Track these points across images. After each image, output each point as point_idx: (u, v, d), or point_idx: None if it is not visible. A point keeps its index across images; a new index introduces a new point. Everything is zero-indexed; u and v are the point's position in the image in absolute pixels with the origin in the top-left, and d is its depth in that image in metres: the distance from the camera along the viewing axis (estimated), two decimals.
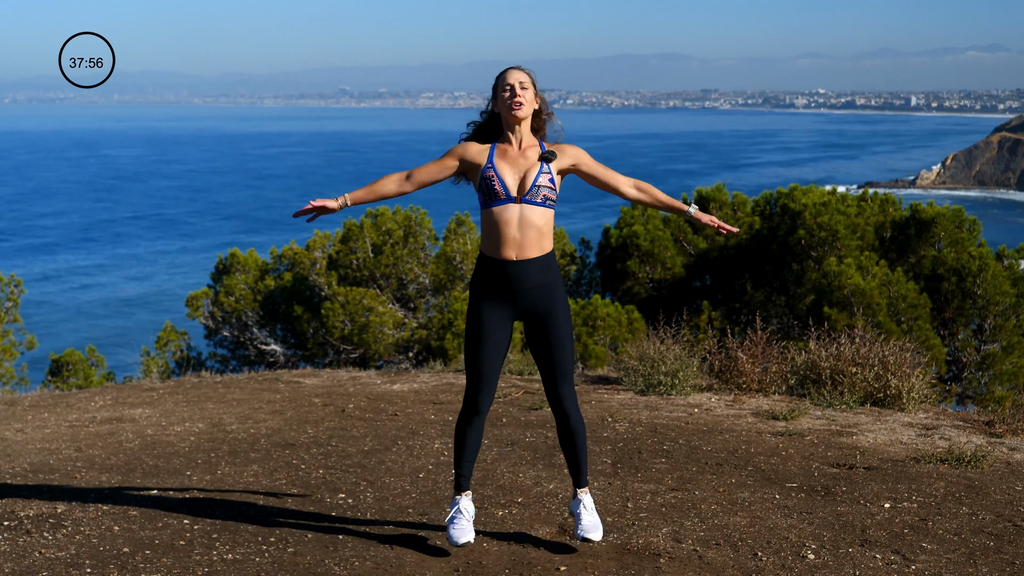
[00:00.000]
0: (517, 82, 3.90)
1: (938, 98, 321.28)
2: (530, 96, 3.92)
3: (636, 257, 12.66)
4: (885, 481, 5.03)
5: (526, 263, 3.86)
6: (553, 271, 3.92)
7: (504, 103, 3.90)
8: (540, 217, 3.87)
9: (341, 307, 12.73)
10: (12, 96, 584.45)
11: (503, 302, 3.91)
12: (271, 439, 6.11)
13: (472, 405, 3.98)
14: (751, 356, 7.52)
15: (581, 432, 4.04)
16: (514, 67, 3.96)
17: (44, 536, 4.30)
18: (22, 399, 8.23)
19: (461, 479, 4.09)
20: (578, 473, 4.09)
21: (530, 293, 3.89)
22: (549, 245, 3.92)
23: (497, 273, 3.88)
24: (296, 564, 3.95)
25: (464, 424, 4.03)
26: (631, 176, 4.14)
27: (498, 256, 3.87)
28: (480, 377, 3.93)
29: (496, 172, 3.87)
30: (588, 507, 4.08)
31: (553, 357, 3.94)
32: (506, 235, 3.85)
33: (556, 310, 3.92)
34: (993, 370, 11.16)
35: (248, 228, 73.69)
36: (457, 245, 13.18)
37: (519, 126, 3.94)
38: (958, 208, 12.17)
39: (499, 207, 3.86)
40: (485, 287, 3.92)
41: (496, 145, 3.96)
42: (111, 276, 56.44)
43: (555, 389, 3.98)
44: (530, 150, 3.94)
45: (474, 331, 3.93)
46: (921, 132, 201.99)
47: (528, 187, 3.85)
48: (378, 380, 8.43)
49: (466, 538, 4.00)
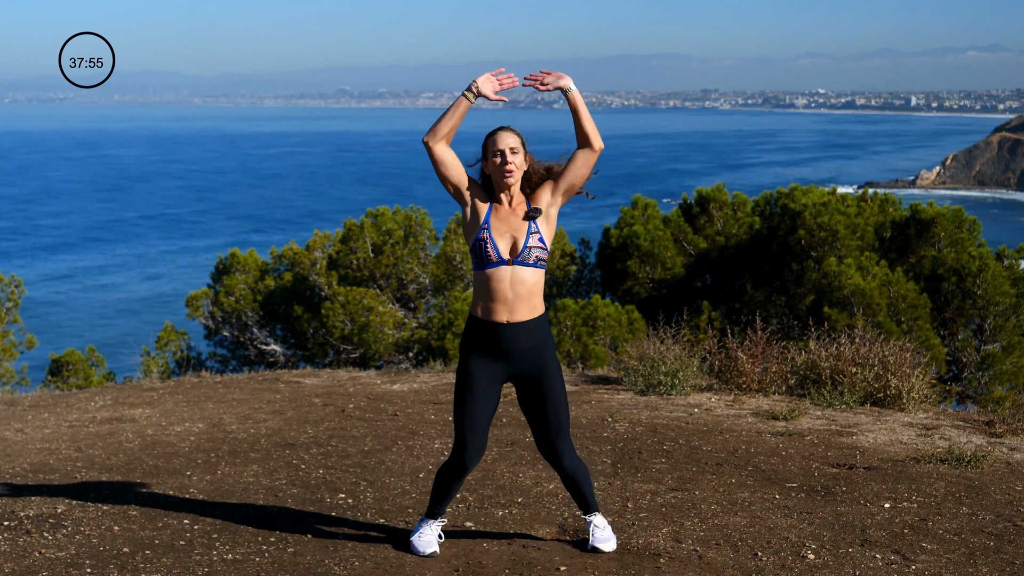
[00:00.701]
0: (508, 148, 3.86)
1: (938, 98, 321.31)
2: (520, 160, 3.89)
3: (636, 257, 12.66)
4: (885, 481, 5.03)
5: (517, 326, 3.86)
6: (544, 332, 3.92)
7: (496, 169, 3.88)
8: (531, 276, 3.87)
9: (341, 307, 12.73)
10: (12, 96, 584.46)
11: (494, 363, 3.91)
12: (271, 439, 6.11)
13: (459, 462, 3.99)
14: (751, 356, 7.52)
15: (583, 476, 4.06)
16: (504, 128, 3.92)
17: (44, 536, 4.30)
18: (22, 399, 8.23)
19: (436, 511, 4.13)
20: (585, 504, 4.12)
21: (521, 355, 3.89)
22: (540, 307, 3.91)
23: (488, 335, 3.88)
24: (296, 564, 3.95)
25: (449, 475, 4.05)
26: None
27: (489, 319, 3.87)
28: (470, 435, 3.94)
29: (490, 235, 3.86)
30: (600, 525, 4.11)
31: (548, 417, 3.95)
32: (498, 296, 3.85)
33: (548, 370, 3.93)
34: (993, 370, 11.15)
35: (255, 228, 73.74)
36: (457, 245, 13.18)
37: (508, 188, 3.93)
38: (958, 208, 12.16)
39: (492, 269, 3.86)
40: (476, 348, 3.92)
41: (492, 205, 3.93)
42: (120, 276, 56.45)
43: (552, 447, 3.99)
44: (519, 207, 3.93)
45: (464, 390, 3.93)
46: (921, 132, 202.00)
47: (520, 249, 3.86)
48: (378, 380, 8.43)
49: (431, 549, 4.05)
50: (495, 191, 3.95)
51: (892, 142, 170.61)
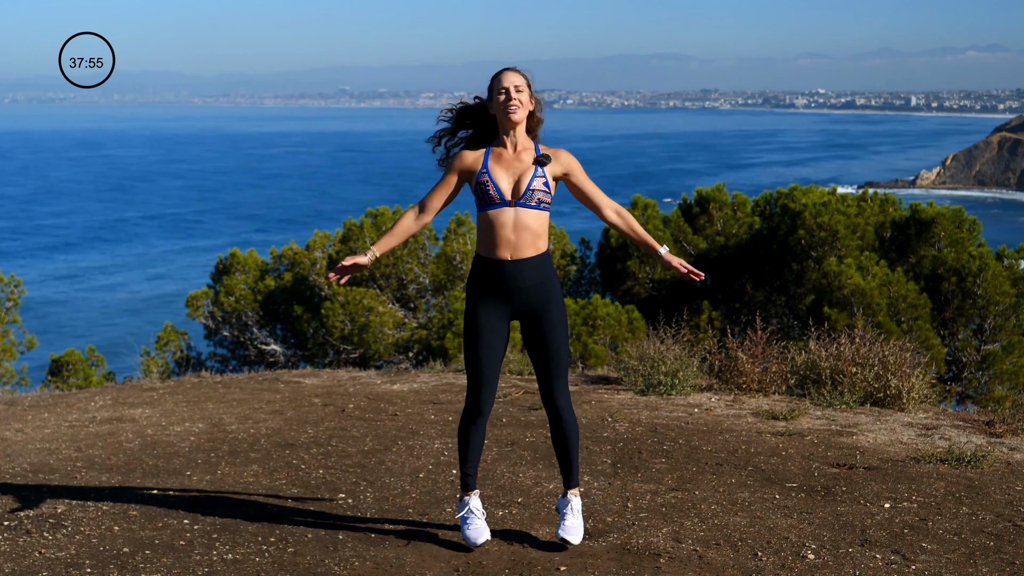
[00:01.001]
0: (512, 85, 3.89)
1: (938, 98, 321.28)
2: (526, 99, 3.92)
3: (636, 257, 12.66)
4: (885, 481, 5.03)
5: (521, 263, 3.88)
6: (548, 270, 3.95)
7: (500, 107, 3.90)
8: (535, 219, 3.89)
9: (341, 307, 12.74)
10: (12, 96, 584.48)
11: (499, 301, 3.93)
12: (271, 439, 6.11)
13: (474, 405, 4.00)
14: (751, 356, 7.52)
15: (574, 431, 4.05)
16: (509, 69, 3.95)
17: (44, 536, 4.30)
18: (22, 399, 8.23)
19: (467, 478, 4.11)
20: (569, 473, 4.10)
21: (525, 292, 3.91)
22: (544, 245, 3.94)
23: (492, 273, 3.90)
24: (296, 564, 3.95)
25: (467, 424, 4.05)
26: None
27: (493, 256, 3.89)
28: (481, 376, 3.96)
29: (491, 177, 3.88)
30: (575, 510, 4.09)
31: (548, 355, 3.96)
32: (501, 237, 3.87)
33: (551, 308, 3.95)
34: (993, 370, 11.15)
35: (258, 228, 73.77)
36: (457, 245, 13.19)
37: (514, 129, 3.94)
38: (958, 208, 12.16)
39: (494, 210, 3.88)
40: (481, 287, 3.94)
41: (491, 148, 3.96)
42: (124, 276, 56.47)
43: (549, 386, 4.00)
44: (525, 153, 3.94)
45: (472, 331, 3.97)
46: (921, 132, 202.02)
47: (523, 190, 3.87)
48: (378, 380, 8.43)
49: (484, 537, 4.04)
50: (499, 132, 3.96)
51: (892, 142, 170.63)
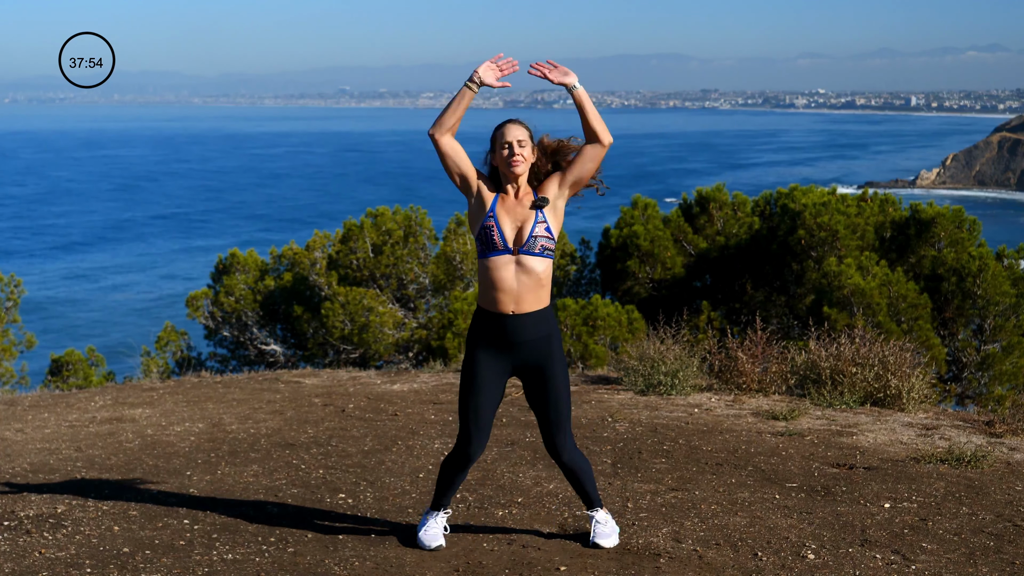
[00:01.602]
0: (516, 140, 3.88)
1: (938, 98, 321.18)
2: (528, 153, 3.91)
3: (636, 257, 12.65)
4: (885, 481, 5.03)
5: (523, 317, 3.87)
6: (551, 325, 3.94)
7: (503, 161, 3.90)
8: (538, 266, 3.88)
9: (341, 307, 12.73)
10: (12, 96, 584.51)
11: (500, 355, 3.93)
12: (271, 439, 6.11)
13: (463, 453, 4.02)
14: (751, 356, 7.52)
15: (583, 469, 4.08)
16: (512, 121, 3.94)
17: (44, 536, 4.30)
18: (22, 399, 8.23)
19: (441, 501, 4.17)
20: (589, 501, 4.15)
21: (527, 347, 3.91)
22: (547, 298, 3.93)
23: (494, 326, 3.90)
24: (296, 564, 3.95)
25: (453, 466, 4.08)
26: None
27: (495, 309, 3.88)
28: (474, 427, 3.97)
29: (496, 222, 3.88)
30: (602, 520, 4.14)
31: (549, 410, 3.97)
32: (503, 286, 3.86)
33: (553, 362, 3.94)
34: (993, 370, 11.15)
35: (265, 227, 73.73)
36: (457, 245, 13.18)
37: (516, 179, 3.94)
38: (958, 208, 12.16)
39: (496, 257, 3.87)
40: (482, 340, 3.94)
41: (499, 195, 3.95)
42: (134, 276, 56.45)
43: (552, 439, 4.01)
44: (526, 198, 3.94)
45: (469, 383, 3.96)
46: (921, 132, 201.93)
47: (525, 238, 3.87)
48: (378, 380, 8.43)
49: (437, 542, 4.09)
50: (502, 183, 3.96)
51: (892, 142, 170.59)
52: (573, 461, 4.04)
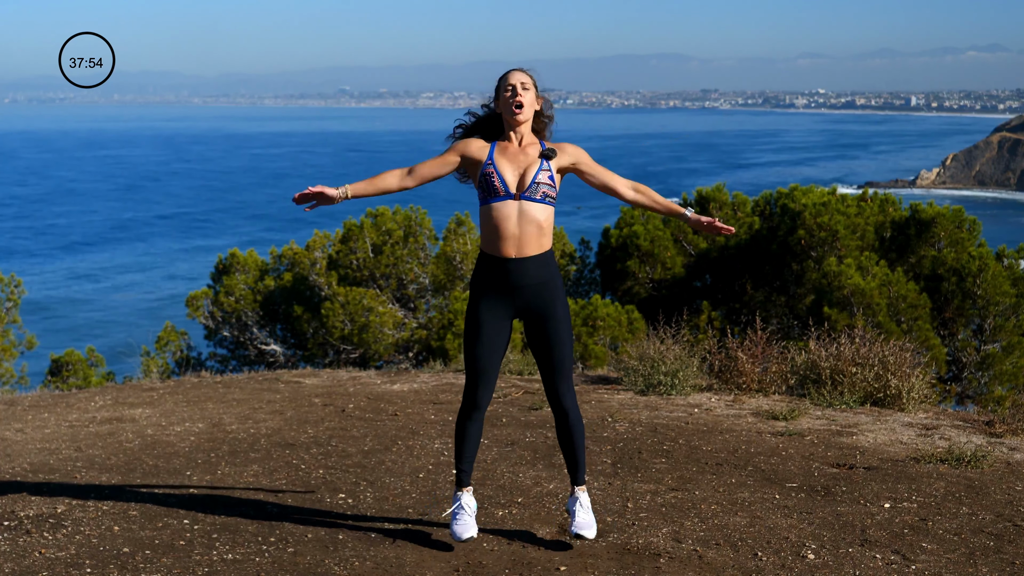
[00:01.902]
0: (519, 83, 3.94)
1: (938, 98, 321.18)
2: (531, 97, 3.95)
3: (636, 257, 12.66)
4: (885, 481, 5.03)
5: (525, 260, 3.88)
6: (552, 269, 3.95)
7: (506, 104, 3.93)
8: (540, 213, 3.89)
9: (341, 307, 12.73)
10: (12, 96, 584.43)
11: (502, 299, 3.94)
12: (271, 439, 6.11)
13: (472, 400, 4.01)
14: (751, 356, 7.52)
15: (579, 429, 4.06)
16: (516, 68, 4.00)
17: (44, 536, 4.30)
18: (22, 399, 8.23)
19: (462, 475, 4.11)
20: (576, 471, 4.11)
21: (529, 290, 3.91)
22: (548, 243, 3.94)
23: (497, 270, 3.91)
24: (296, 564, 3.95)
25: (464, 419, 4.06)
26: (634, 179, 4.16)
27: (497, 254, 3.90)
28: (479, 372, 3.97)
29: (496, 168, 3.90)
30: (584, 505, 4.11)
31: (552, 354, 3.97)
32: (505, 231, 3.87)
33: (555, 307, 3.95)
34: (993, 370, 11.15)
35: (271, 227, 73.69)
36: (457, 245, 13.18)
37: (519, 125, 3.96)
38: (958, 208, 12.16)
39: (498, 203, 3.88)
40: (485, 284, 3.95)
41: (497, 143, 3.99)
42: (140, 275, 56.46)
43: (554, 386, 4.01)
44: (530, 147, 3.97)
45: (473, 328, 3.97)
46: (921, 132, 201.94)
47: (528, 184, 3.88)
48: (378, 380, 8.43)
49: (469, 533, 4.03)
50: (504, 130, 3.98)
51: (892, 142, 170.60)
52: (572, 410, 4.02)
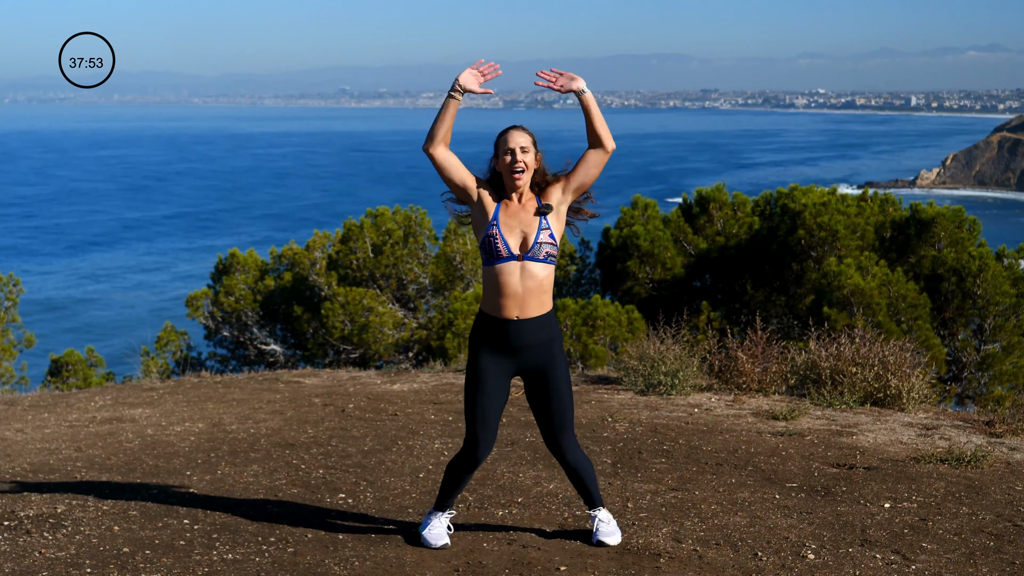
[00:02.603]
0: (518, 147, 3.92)
1: (938, 98, 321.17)
2: (531, 160, 3.94)
3: (636, 257, 12.65)
4: (885, 481, 5.03)
5: (527, 322, 3.91)
6: (553, 329, 3.98)
7: (506, 168, 3.93)
8: (541, 272, 3.92)
9: (341, 307, 12.73)
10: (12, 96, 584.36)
11: (504, 358, 3.96)
12: (271, 439, 6.11)
13: (472, 455, 4.04)
14: (751, 356, 7.52)
15: (586, 470, 4.10)
16: (515, 128, 3.98)
17: (44, 536, 4.30)
18: (22, 399, 8.23)
19: (445, 503, 4.19)
20: (591, 500, 4.17)
21: (530, 351, 3.94)
22: (549, 303, 3.96)
23: (498, 331, 3.93)
24: (296, 564, 3.95)
25: (460, 468, 4.10)
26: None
27: (499, 315, 3.91)
28: (481, 429, 3.99)
29: (500, 231, 3.90)
30: (605, 519, 4.17)
31: (552, 412, 4.00)
32: (507, 291, 3.89)
33: (555, 366, 3.97)
34: (993, 370, 11.15)
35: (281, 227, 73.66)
36: (457, 245, 13.18)
37: (520, 188, 3.97)
38: (958, 208, 12.16)
39: (502, 264, 3.90)
40: (485, 344, 3.96)
41: (501, 202, 3.97)
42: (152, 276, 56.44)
43: (556, 442, 4.04)
44: (529, 203, 3.98)
45: (474, 384, 3.98)
46: (921, 132, 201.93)
47: (530, 245, 3.90)
48: (378, 380, 8.43)
49: (443, 541, 4.11)
50: (505, 190, 3.98)
51: (892, 142, 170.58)
52: (576, 461, 4.07)
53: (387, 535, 4.28)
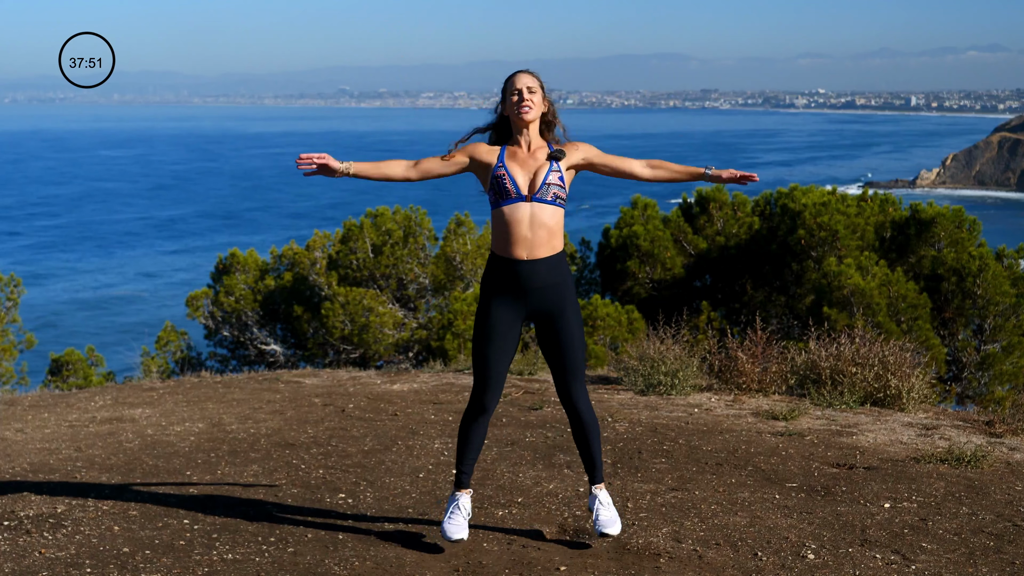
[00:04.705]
0: (525, 87, 3.94)
1: (938, 98, 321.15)
2: (538, 100, 3.96)
3: (636, 257, 12.65)
4: (885, 481, 5.03)
5: (537, 263, 3.89)
6: (563, 271, 3.95)
7: (512, 107, 3.95)
8: (551, 215, 3.90)
9: (341, 307, 12.73)
10: (12, 96, 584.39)
11: (513, 301, 3.93)
12: (271, 439, 6.11)
13: (479, 403, 4.00)
14: (751, 356, 7.52)
15: (595, 429, 4.07)
16: (523, 71, 4.01)
17: (44, 536, 4.30)
18: (22, 399, 8.23)
19: (462, 476, 4.11)
20: (593, 469, 4.13)
21: (540, 292, 3.91)
22: (560, 244, 3.95)
23: (508, 272, 3.91)
24: (296, 564, 3.95)
25: (469, 421, 4.06)
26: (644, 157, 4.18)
27: (509, 256, 3.90)
28: (488, 375, 3.96)
29: (507, 171, 3.91)
30: (605, 502, 4.11)
31: (565, 356, 3.97)
32: (517, 234, 3.88)
33: (566, 309, 3.95)
34: (993, 370, 11.15)
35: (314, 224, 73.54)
36: (457, 245, 13.18)
37: (527, 129, 3.98)
38: (958, 208, 12.16)
39: (510, 206, 3.89)
40: (496, 286, 3.94)
41: (506, 147, 4.00)
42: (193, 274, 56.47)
43: (567, 388, 4.01)
44: (539, 151, 3.98)
45: (483, 330, 3.96)
46: (921, 132, 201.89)
47: (539, 185, 3.89)
48: (378, 380, 8.43)
49: (460, 535, 4.03)
50: (513, 133, 3.99)
51: (892, 142, 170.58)
52: (586, 413, 4.03)
53: (387, 535, 4.28)
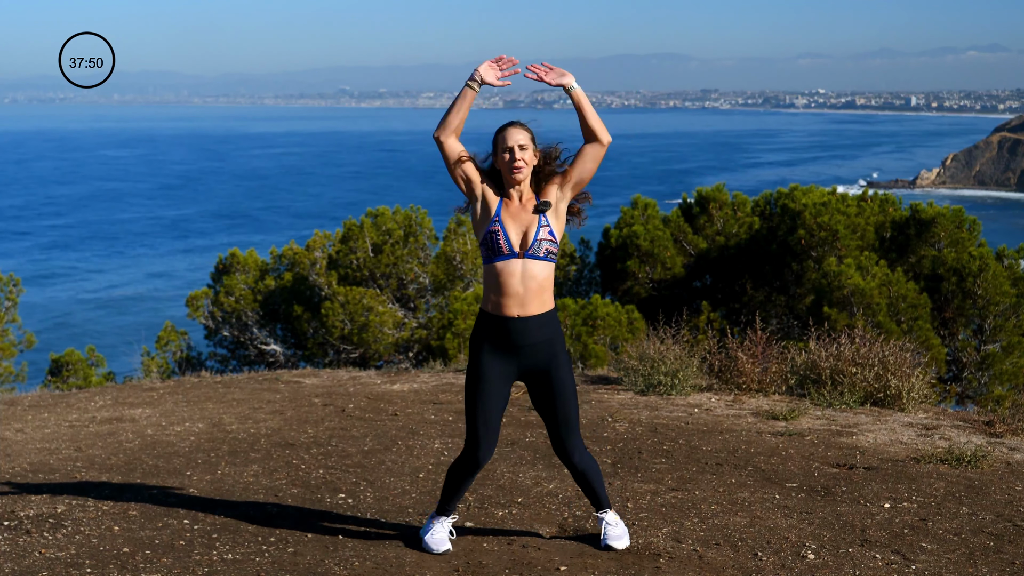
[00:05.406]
0: (517, 144, 3.87)
1: (938, 98, 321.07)
2: (529, 156, 3.90)
3: (636, 257, 12.65)
4: (885, 481, 5.03)
5: (528, 320, 3.86)
6: (554, 327, 3.93)
7: (505, 166, 3.89)
8: (542, 271, 3.88)
9: (341, 307, 12.73)
10: (12, 96, 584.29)
11: (505, 358, 3.91)
12: (271, 439, 6.11)
13: (472, 459, 3.99)
14: (751, 356, 7.52)
15: (593, 472, 4.07)
16: (513, 124, 3.92)
17: (44, 536, 4.30)
18: (22, 399, 8.23)
19: (447, 507, 4.15)
20: (597, 500, 4.13)
21: (532, 349, 3.89)
22: (550, 301, 3.92)
23: (499, 330, 3.88)
24: (296, 564, 3.95)
25: (461, 471, 4.05)
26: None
27: (500, 313, 3.87)
28: (483, 431, 3.95)
29: (502, 227, 3.87)
30: (612, 522, 4.12)
31: (557, 411, 3.95)
32: (509, 290, 3.85)
33: (558, 364, 3.93)
34: (993, 370, 11.15)
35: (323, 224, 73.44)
36: (457, 245, 13.18)
37: (519, 185, 3.94)
38: (958, 208, 12.16)
39: (502, 262, 3.87)
40: (487, 343, 3.92)
41: (503, 199, 3.94)
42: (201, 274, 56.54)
43: (561, 442, 3.99)
44: (529, 203, 3.94)
45: (475, 385, 3.93)
46: (921, 132, 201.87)
47: (530, 242, 3.87)
48: (378, 380, 8.43)
49: (445, 547, 4.06)
50: (504, 186, 3.96)
51: (892, 142, 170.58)
52: (584, 463, 4.02)
53: (387, 535, 4.28)
